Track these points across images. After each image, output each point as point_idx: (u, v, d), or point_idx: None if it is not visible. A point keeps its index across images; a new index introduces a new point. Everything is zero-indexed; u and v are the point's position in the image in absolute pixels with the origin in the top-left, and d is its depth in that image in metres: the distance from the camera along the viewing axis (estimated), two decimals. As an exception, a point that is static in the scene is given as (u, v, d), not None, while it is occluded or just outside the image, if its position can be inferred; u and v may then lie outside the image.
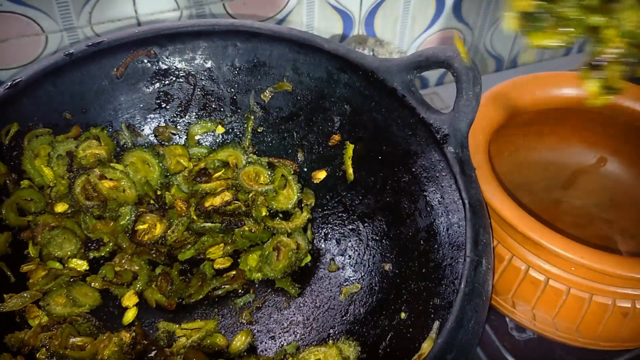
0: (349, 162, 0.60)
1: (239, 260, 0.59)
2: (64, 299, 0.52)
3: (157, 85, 0.59)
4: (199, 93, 0.60)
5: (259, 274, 0.58)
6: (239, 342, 0.53)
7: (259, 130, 0.63)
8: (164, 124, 0.61)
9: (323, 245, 0.61)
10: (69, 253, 0.54)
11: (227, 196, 0.59)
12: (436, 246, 0.49)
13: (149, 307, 0.55)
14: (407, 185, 0.54)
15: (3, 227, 0.52)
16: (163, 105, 0.60)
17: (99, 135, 0.57)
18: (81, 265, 0.55)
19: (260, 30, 0.57)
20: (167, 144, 0.61)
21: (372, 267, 0.58)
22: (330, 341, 0.51)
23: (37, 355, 0.48)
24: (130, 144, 0.60)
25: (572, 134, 0.73)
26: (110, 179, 0.56)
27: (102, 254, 0.57)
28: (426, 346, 0.43)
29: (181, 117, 0.61)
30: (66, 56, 0.53)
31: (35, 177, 0.54)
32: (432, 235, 0.50)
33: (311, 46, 0.57)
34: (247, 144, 0.62)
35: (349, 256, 0.60)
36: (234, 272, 0.58)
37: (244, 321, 0.56)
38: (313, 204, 0.62)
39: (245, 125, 0.62)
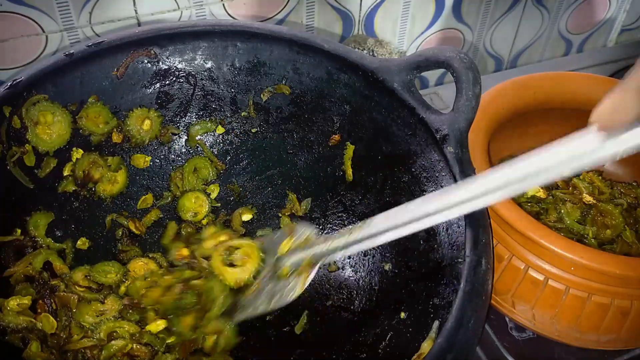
0: (348, 163, 0.60)
1: None
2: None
3: (158, 85, 0.59)
4: (199, 93, 0.61)
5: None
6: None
7: (258, 130, 0.63)
8: (165, 124, 0.61)
9: (323, 245, 0.61)
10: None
11: None
12: (436, 246, 0.50)
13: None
14: (407, 185, 0.54)
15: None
16: (163, 106, 0.60)
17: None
18: None
19: (260, 30, 0.57)
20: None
21: (372, 267, 0.58)
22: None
23: None
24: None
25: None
26: None
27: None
28: (426, 346, 0.43)
29: (181, 117, 0.61)
30: (66, 56, 0.53)
31: (39, 144, 0.53)
32: (431, 235, 0.50)
33: (311, 46, 0.57)
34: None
35: (349, 256, 0.60)
36: None
37: None
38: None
39: None
